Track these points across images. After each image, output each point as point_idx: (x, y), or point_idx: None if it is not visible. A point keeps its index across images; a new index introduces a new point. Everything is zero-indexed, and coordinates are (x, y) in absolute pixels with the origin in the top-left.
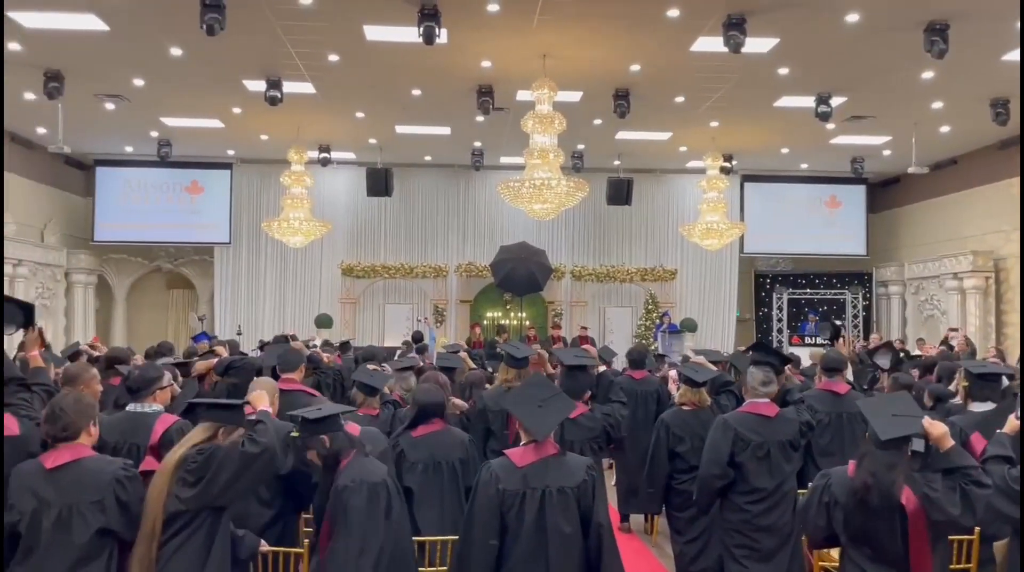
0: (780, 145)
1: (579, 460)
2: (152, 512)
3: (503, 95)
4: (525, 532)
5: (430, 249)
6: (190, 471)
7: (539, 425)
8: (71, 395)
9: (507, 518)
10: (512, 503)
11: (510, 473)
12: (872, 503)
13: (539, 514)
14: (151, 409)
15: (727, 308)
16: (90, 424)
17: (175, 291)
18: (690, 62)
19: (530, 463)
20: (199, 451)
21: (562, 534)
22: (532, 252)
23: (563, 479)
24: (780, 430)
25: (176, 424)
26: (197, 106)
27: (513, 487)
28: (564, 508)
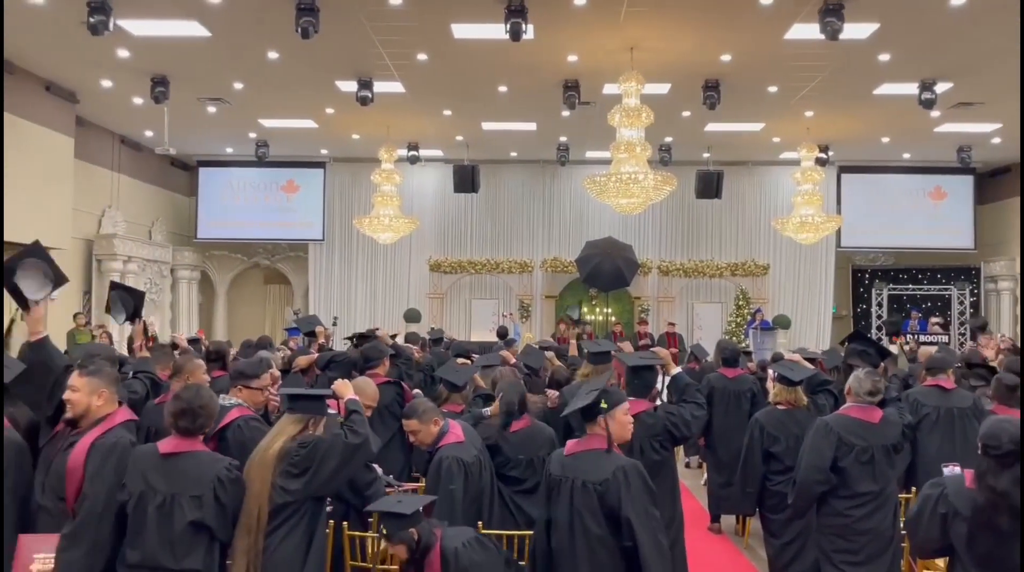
0: (880, 134)
1: (616, 459)
2: (255, 505)
3: (589, 89)
4: (559, 521)
5: (516, 245)
6: (295, 463)
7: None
8: (205, 393)
9: (550, 503)
10: (553, 488)
11: (558, 459)
12: (1002, 526)
13: (569, 505)
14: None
15: (823, 304)
16: (210, 421)
17: (272, 286)
18: (784, 50)
19: (573, 453)
20: (301, 443)
21: (587, 530)
22: (619, 247)
23: (590, 473)
24: (884, 434)
25: (239, 419)
26: (292, 107)
27: (556, 473)
28: (587, 504)
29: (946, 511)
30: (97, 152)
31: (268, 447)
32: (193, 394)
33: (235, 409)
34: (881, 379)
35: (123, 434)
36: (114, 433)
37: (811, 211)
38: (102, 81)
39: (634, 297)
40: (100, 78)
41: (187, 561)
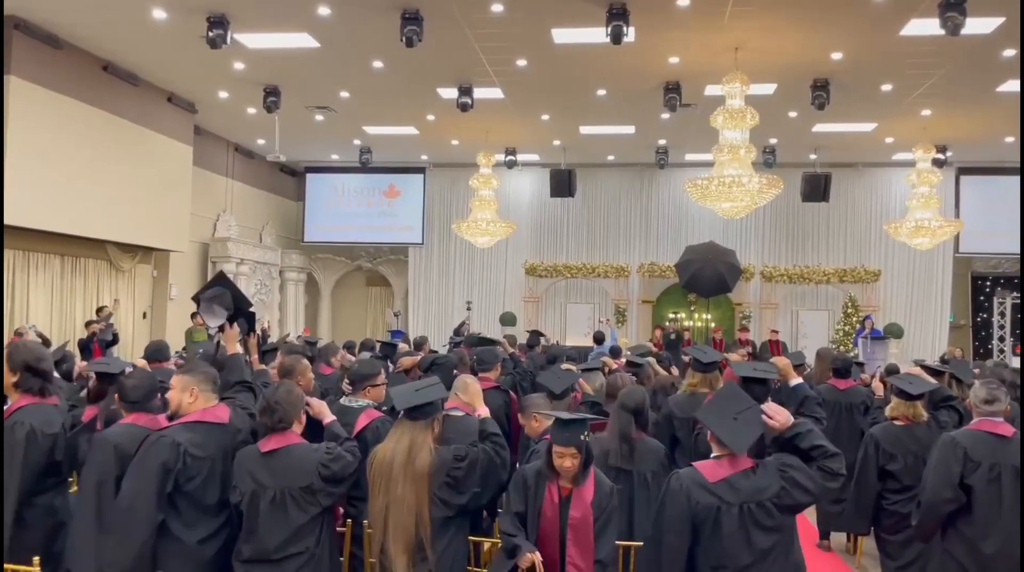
0: (1003, 134)
1: (770, 469)
2: (411, 520)
3: (691, 91)
4: (725, 547)
5: (612, 249)
6: (457, 477)
7: (735, 439)
8: (283, 388)
9: (702, 529)
10: (706, 516)
11: (701, 487)
12: None
13: (741, 529)
14: (358, 404)
15: (939, 313)
16: (301, 415)
17: (374, 288)
18: (899, 47)
19: (721, 479)
20: (457, 456)
21: (769, 545)
22: (720, 252)
23: (759, 494)
24: (1015, 453)
25: (376, 420)
26: (395, 115)
27: (706, 500)
28: (768, 519)
29: None
30: (213, 160)
31: (411, 459)
32: (271, 392)
33: (366, 412)
34: (1001, 387)
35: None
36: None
37: (927, 215)
38: (219, 92)
39: (735, 303)
40: (217, 89)
41: (302, 543)
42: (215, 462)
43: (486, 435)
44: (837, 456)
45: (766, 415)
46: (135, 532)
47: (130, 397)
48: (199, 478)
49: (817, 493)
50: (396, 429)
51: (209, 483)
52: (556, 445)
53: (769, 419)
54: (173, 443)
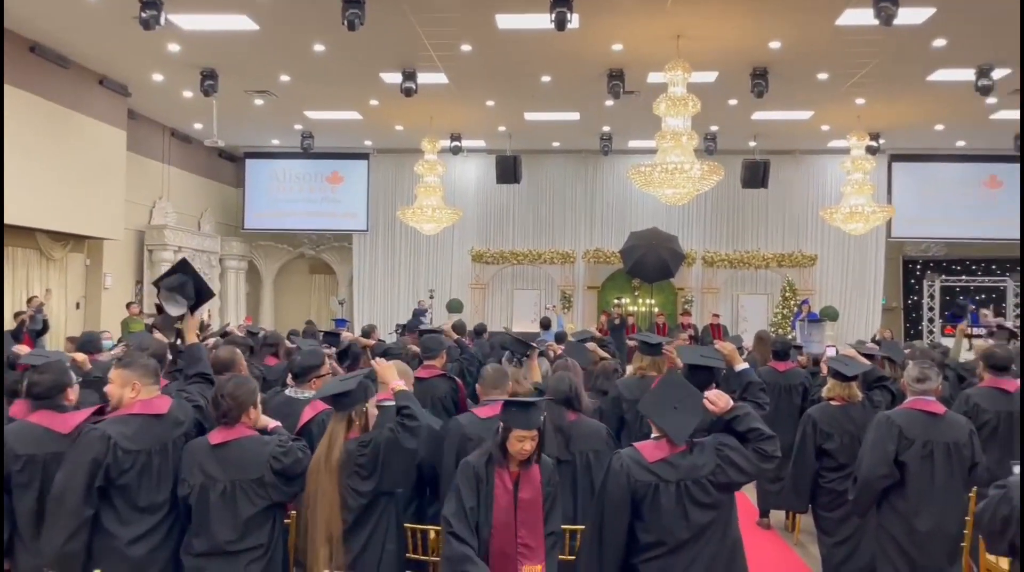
0: (933, 122)
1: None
2: (330, 512)
3: (634, 78)
4: (664, 523)
5: (558, 235)
6: (362, 464)
7: (675, 429)
8: (232, 381)
9: (643, 506)
10: (645, 492)
11: (640, 465)
12: None
13: (678, 504)
14: (304, 396)
15: (872, 296)
16: (250, 408)
17: (317, 276)
18: (835, 36)
19: (659, 460)
20: (361, 443)
21: (706, 522)
22: (663, 238)
23: (697, 471)
24: (948, 430)
25: (322, 413)
26: (337, 99)
27: (644, 478)
28: (705, 496)
29: (1008, 513)
30: (148, 144)
31: (327, 454)
32: (221, 384)
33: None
34: (933, 367)
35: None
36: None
37: (861, 201)
38: (153, 75)
39: (678, 288)
40: (151, 72)
41: (254, 538)
42: (151, 456)
43: (397, 409)
44: (772, 439)
45: (708, 400)
46: (61, 525)
47: (33, 392)
48: (132, 472)
49: (751, 473)
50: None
51: (144, 477)
52: (517, 429)
53: (711, 404)
54: (103, 436)
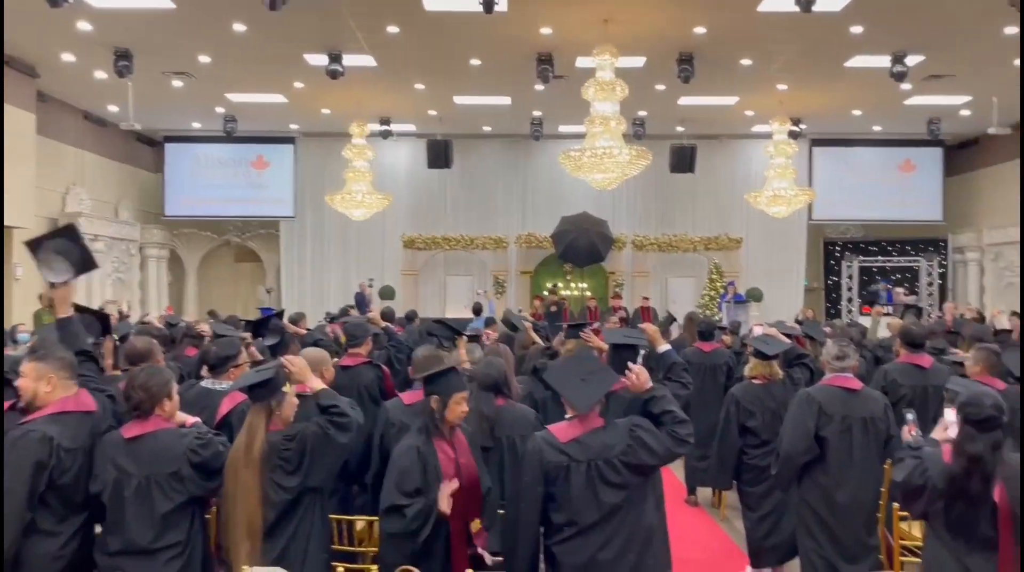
0: (851, 107)
1: (620, 427)
2: (251, 508)
3: (563, 62)
4: (575, 503)
5: (490, 220)
6: (287, 458)
7: (580, 399)
8: (145, 372)
9: (555, 486)
10: (557, 474)
11: (553, 447)
12: (974, 491)
13: (588, 484)
14: (221, 387)
15: (795, 277)
16: (164, 399)
17: (243, 264)
18: (757, 23)
19: (572, 439)
20: (286, 436)
21: (617, 502)
22: (593, 222)
23: (608, 450)
24: (864, 406)
25: (242, 403)
26: (260, 82)
27: (556, 459)
28: (615, 476)
29: (923, 483)
30: (60, 128)
31: (248, 447)
32: (133, 375)
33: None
34: (851, 345)
35: (40, 427)
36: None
37: (783, 184)
38: (63, 55)
39: (609, 272)
40: (61, 52)
41: (171, 536)
42: (88, 453)
43: (322, 409)
44: (686, 423)
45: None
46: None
47: None
48: (72, 472)
49: (662, 456)
50: (247, 416)
51: (81, 476)
52: (456, 393)
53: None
54: (44, 437)
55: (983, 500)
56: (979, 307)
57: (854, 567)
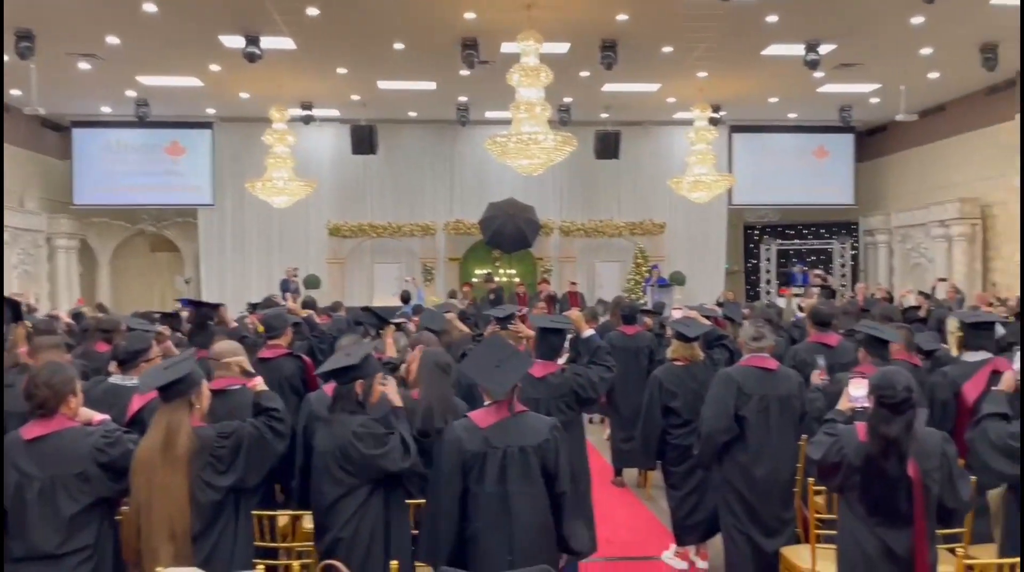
0: (768, 95)
1: (543, 420)
2: (174, 509)
3: (488, 48)
4: (486, 492)
5: (418, 207)
6: (220, 457)
7: (496, 385)
8: (47, 369)
9: (469, 478)
10: (473, 464)
11: (472, 434)
12: (890, 472)
13: (500, 474)
14: (131, 383)
15: (716, 261)
16: (68, 397)
17: (160, 254)
18: (678, 11)
19: (492, 424)
20: (221, 433)
21: (522, 494)
22: (520, 208)
23: (524, 438)
24: (781, 384)
25: (153, 401)
26: (174, 64)
27: (475, 448)
28: (525, 467)
29: (839, 460)
30: None
31: (167, 444)
32: (34, 372)
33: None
34: (766, 325)
35: None
36: None
37: (704, 170)
38: None
39: (537, 257)
40: None
41: (80, 539)
42: None
43: (261, 409)
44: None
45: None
46: None
47: None
48: None
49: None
50: (155, 416)
51: None
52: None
53: None
54: None
55: (899, 478)
56: (888, 287)
57: (772, 541)
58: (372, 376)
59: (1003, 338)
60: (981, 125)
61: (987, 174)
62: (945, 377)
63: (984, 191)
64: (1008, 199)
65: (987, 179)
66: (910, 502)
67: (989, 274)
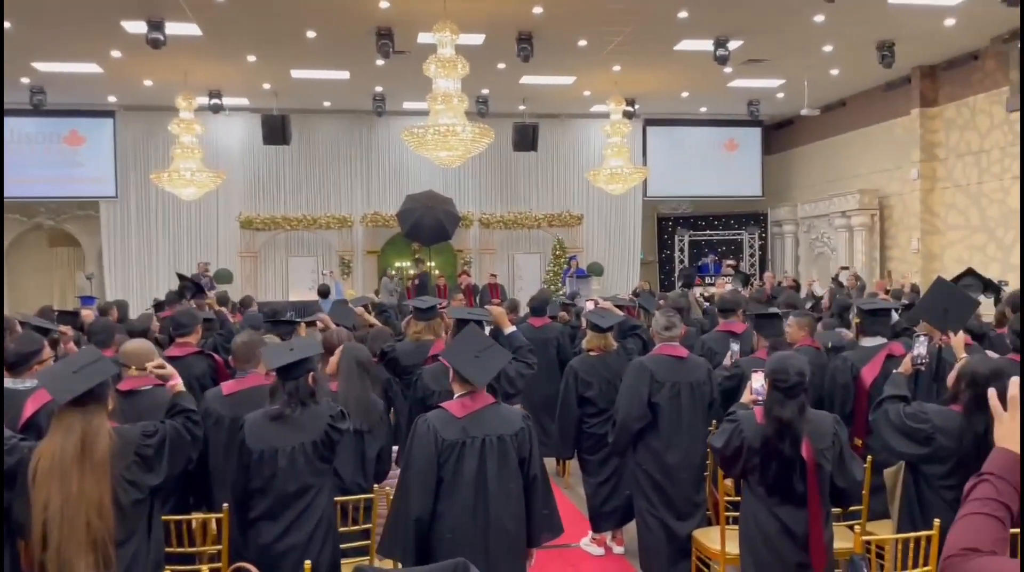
0: (680, 89)
1: (513, 410)
2: (92, 515)
3: (404, 38)
4: (464, 481)
5: (333, 199)
6: (145, 456)
7: (477, 374)
8: None
9: (444, 468)
10: (450, 453)
11: (449, 424)
12: (786, 453)
13: (479, 463)
14: (24, 386)
15: (632, 251)
16: None
17: (59, 249)
18: (591, 4)
19: (469, 413)
20: (145, 432)
21: (501, 480)
22: (439, 200)
23: (502, 427)
24: (691, 372)
25: (49, 404)
26: (72, 50)
27: (452, 437)
28: (504, 456)
29: (740, 443)
30: None
31: (84, 448)
32: None
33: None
34: (676, 315)
35: None
36: None
37: (620, 163)
38: None
39: (456, 250)
40: None
41: None
42: None
43: (179, 410)
44: None
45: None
46: None
47: None
48: None
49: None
50: (60, 420)
51: None
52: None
53: None
54: None
55: (794, 459)
56: (795, 275)
57: (684, 524)
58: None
59: (898, 324)
60: (878, 120)
61: (884, 166)
62: (845, 361)
63: (882, 183)
64: (903, 190)
65: (884, 171)
66: (804, 482)
67: (887, 263)
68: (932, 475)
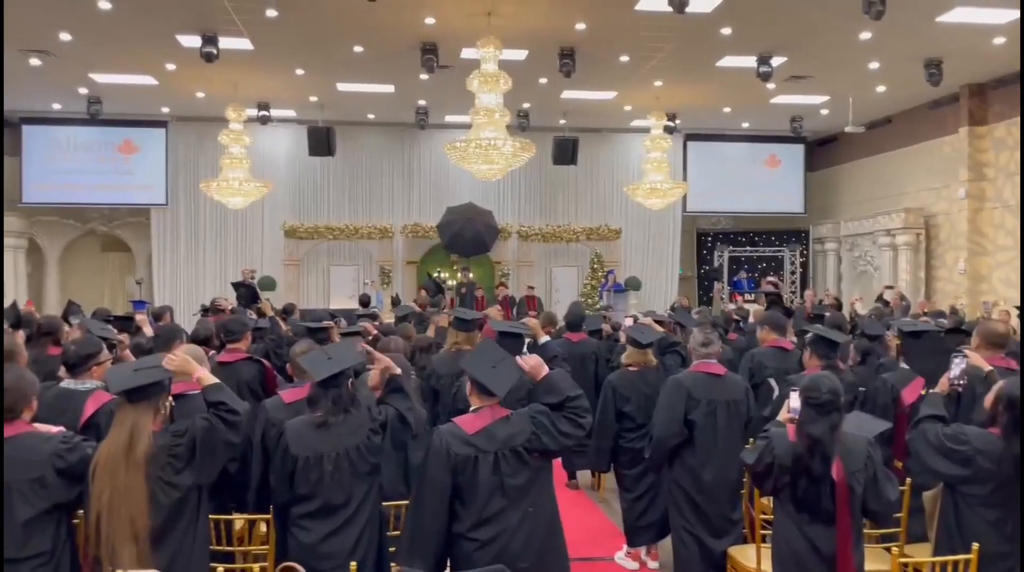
0: (722, 104)
1: (522, 416)
2: (134, 511)
3: (448, 53)
4: (482, 494)
5: (375, 210)
6: (178, 455)
7: (496, 384)
8: (12, 372)
9: (460, 481)
10: (465, 467)
11: (460, 439)
12: (815, 470)
13: (493, 475)
14: (84, 387)
15: (670, 266)
16: (32, 400)
17: (111, 254)
18: (634, 21)
19: (479, 430)
20: (175, 432)
21: (519, 490)
22: (479, 213)
23: (514, 440)
24: (728, 389)
25: (108, 404)
26: (128, 62)
27: (464, 452)
28: (519, 465)
29: (771, 460)
30: None
31: (129, 447)
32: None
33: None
34: (714, 332)
35: None
36: None
37: (660, 178)
38: None
39: (495, 262)
40: None
41: (35, 545)
42: None
43: (211, 404)
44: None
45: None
46: None
47: None
48: None
49: (561, 440)
50: (117, 416)
51: None
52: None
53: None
54: None
55: (823, 477)
56: (836, 294)
57: (720, 541)
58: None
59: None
60: (925, 138)
61: (931, 185)
62: (885, 383)
63: (928, 202)
64: (950, 210)
65: (931, 190)
66: (834, 501)
67: (932, 283)
68: (971, 497)
